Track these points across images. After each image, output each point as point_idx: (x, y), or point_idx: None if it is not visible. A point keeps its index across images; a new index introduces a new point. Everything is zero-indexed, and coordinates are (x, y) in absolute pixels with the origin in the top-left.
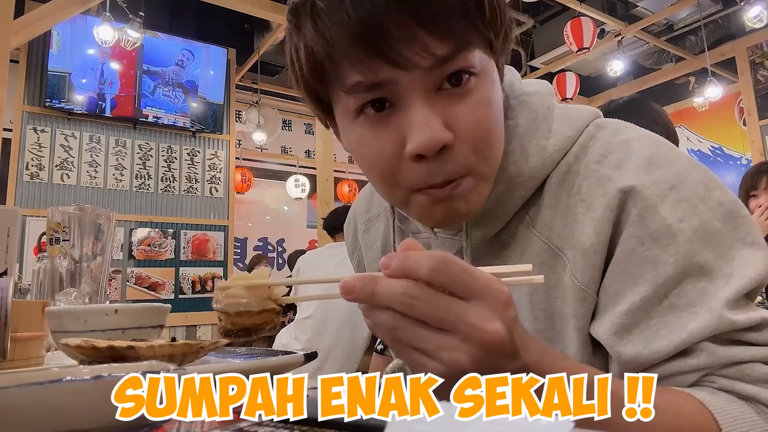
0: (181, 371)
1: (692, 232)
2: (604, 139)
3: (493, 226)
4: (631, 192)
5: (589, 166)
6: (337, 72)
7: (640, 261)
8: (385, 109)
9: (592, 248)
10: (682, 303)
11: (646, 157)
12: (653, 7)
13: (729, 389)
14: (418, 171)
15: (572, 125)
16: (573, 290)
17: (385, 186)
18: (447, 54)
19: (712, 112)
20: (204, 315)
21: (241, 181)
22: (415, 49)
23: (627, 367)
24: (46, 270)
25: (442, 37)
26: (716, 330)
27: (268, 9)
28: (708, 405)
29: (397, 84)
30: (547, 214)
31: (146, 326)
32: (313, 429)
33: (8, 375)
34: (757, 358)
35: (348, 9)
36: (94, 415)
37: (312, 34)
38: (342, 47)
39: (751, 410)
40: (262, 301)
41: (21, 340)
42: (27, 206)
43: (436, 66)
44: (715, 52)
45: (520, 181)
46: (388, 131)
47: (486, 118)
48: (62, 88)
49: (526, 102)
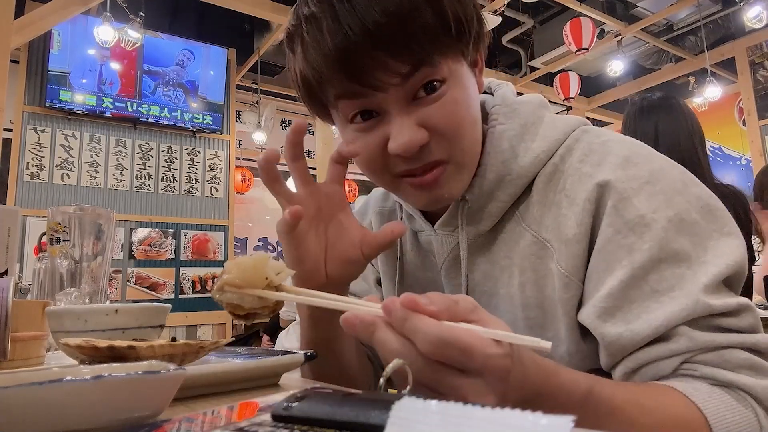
0: (181, 371)
1: (667, 221)
2: (587, 141)
3: (487, 222)
4: (607, 185)
5: (573, 165)
6: (324, 93)
7: (617, 248)
8: (372, 118)
9: (574, 238)
10: (661, 288)
11: (624, 156)
12: (653, 8)
13: (710, 377)
14: (400, 162)
15: (559, 130)
16: (559, 277)
17: (375, 175)
18: (409, 72)
19: (712, 112)
20: (204, 315)
21: (241, 181)
22: (385, 73)
23: (610, 350)
24: (46, 270)
25: (404, 60)
26: (693, 313)
27: (268, 9)
28: (692, 398)
29: (376, 99)
30: (536, 210)
31: (146, 326)
32: (313, 429)
33: (8, 375)
34: (735, 343)
35: (327, 41)
36: (94, 415)
37: (302, 61)
38: (325, 74)
39: (730, 397)
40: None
41: (21, 340)
42: (27, 206)
43: (404, 82)
44: (715, 52)
45: (510, 179)
46: (374, 134)
47: (456, 114)
48: (62, 88)
49: (517, 110)
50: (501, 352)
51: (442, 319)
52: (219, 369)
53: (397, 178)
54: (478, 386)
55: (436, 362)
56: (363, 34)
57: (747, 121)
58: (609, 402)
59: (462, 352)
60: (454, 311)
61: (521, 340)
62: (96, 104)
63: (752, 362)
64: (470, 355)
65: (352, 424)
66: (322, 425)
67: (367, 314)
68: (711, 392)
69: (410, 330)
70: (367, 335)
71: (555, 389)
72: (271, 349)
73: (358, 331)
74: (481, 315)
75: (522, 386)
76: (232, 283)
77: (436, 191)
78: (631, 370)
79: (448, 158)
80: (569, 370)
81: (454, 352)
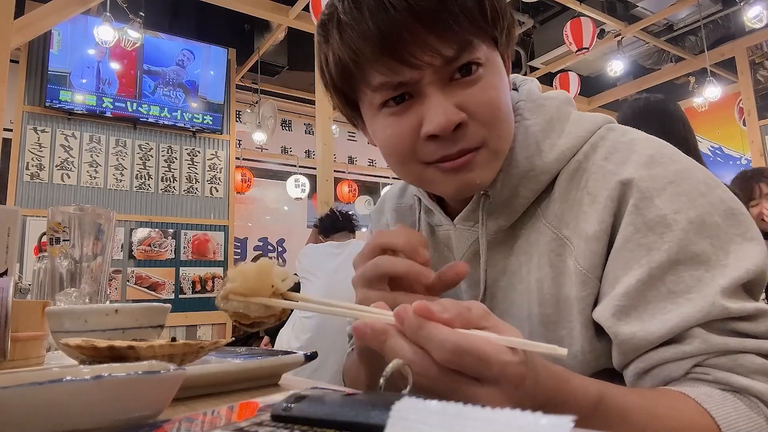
0: (181, 371)
1: (688, 222)
2: (613, 138)
3: (508, 217)
4: (630, 184)
5: (597, 162)
6: (363, 75)
7: (636, 247)
8: (405, 101)
9: (594, 236)
10: (678, 289)
11: (649, 155)
12: (653, 7)
13: (722, 381)
14: (433, 148)
15: (584, 127)
16: (576, 275)
17: (401, 164)
18: (454, 53)
19: (712, 112)
20: (204, 315)
21: (241, 181)
22: (427, 52)
23: (623, 349)
24: (46, 270)
25: (448, 40)
26: (709, 315)
27: (268, 9)
28: (705, 405)
29: (415, 81)
30: (557, 207)
31: (146, 326)
32: (313, 429)
33: (8, 375)
34: (750, 349)
35: (368, 21)
36: (94, 415)
37: (339, 45)
38: (365, 54)
39: (742, 404)
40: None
41: (21, 340)
42: (27, 206)
43: (446, 64)
44: (715, 52)
45: (533, 175)
46: (407, 117)
47: (495, 97)
48: (62, 88)
49: (543, 105)
50: (516, 359)
51: (455, 327)
52: (219, 369)
53: (426, 167)
54: (494, 394)
55: (451, 371)
56: (405, 11)
57: (747, 121)
58: (620, 409)
59: (478, 359)
60: (467, 318)
61: (537, 347)
62: (96, 104)
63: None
64: (487, 363)
65: (352, 424)
66: (322, 425)
67: (378, 322)
68: (724, 399)
69: (425, 338)
70: (379, 344)
71: (566, 395)
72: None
73: (369, 339)
74: (494, 321)
75: (534, 393)
76: (237, 291)
77: (468, 175)
78: (642, 371)
79: (483, 143)
80: (580, 376)
81: (470, 360)
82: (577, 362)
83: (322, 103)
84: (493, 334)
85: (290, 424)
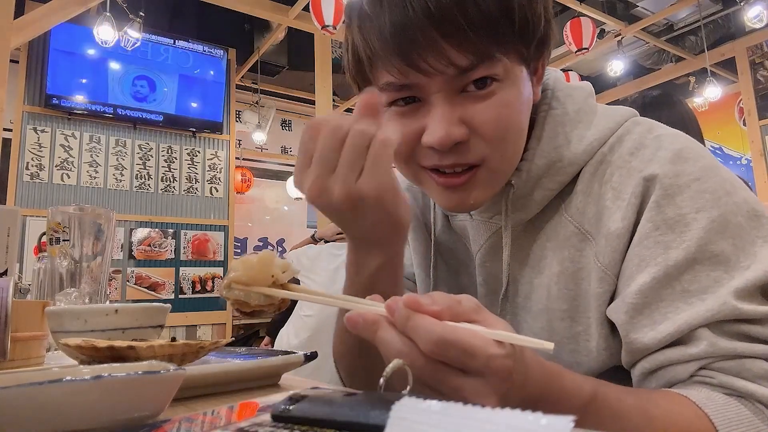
0: (181, 371)
1: (709, 221)
2: (639, 133)
3: (531, 210)
4: (653, 180)
5: (622, 157)
6: (373, 70)
7: (654, 245)
8: (413, 103)
9: (616, 232)
10: (693, 289)
11: (675, 150)
12: (653, 7)
13: (727, 386)
14: (430, 154)
15: (612, 119)
16: (595, 271)
17: (401, 164)
18: (468, 66)
19: (712, 112)
20: (204, 315)
21: (241, 181)
22: (439, 59)
23: (631, 347)
24: (46, 270)
25: (464, 50)
26: (718, 314)
27: (268, 9)
28: (705, 408)
29: (423, 86)
30: (580, 201)
31: (146, 326)
32: (313, 429)
33: (8, 375)
34: (759, 353)
35: (386, 16)
36: (94, 415)
37: (357, 34)
38: (377, 50)
39: (746, 410)
40: (262, 297)
41: (21, 340)
42: (27, 206)
43: (458, 74)
44: (715, 52)
45: (560, 166)
46: (412, 121)
47: (505, 117)
48: (62, 88)
49: (572, 95)
50: (503, 352)
51: (444, 319)
52: (219, 369)
53: (424, 171)
54: (480, 387)
55: (438, 362)
56: (422, 13)
57: (747, 121)
58: (613, 408)
59: (464, 352)
60: (456, 311)
61: (523, 341)
62: (96, 104)
63: None
64: (472, 355)
65: (352, 424)
66: (322, 425)
67: (371, 313)
68: (726, 404)
69: (412, 329)
70: (370, 334)
71: (558, 392)
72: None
73: (361, 329)
74: (484, 315)
75: (524, 387)
76: (239, 280)
77: (462, 194)
78: (648, 371)
79: (483, 162)
80: (574, 373)
81: (455, 352)
82: (593, 358)
83: (322, 103)
84: (481, 327)
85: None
